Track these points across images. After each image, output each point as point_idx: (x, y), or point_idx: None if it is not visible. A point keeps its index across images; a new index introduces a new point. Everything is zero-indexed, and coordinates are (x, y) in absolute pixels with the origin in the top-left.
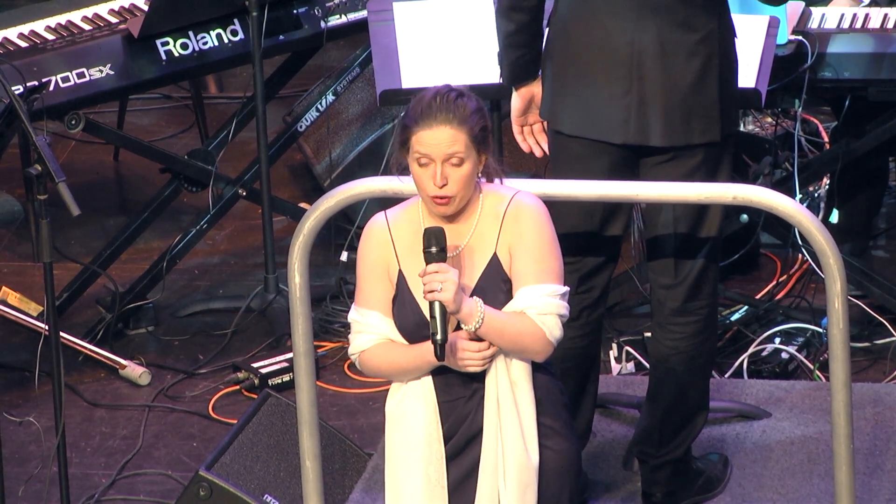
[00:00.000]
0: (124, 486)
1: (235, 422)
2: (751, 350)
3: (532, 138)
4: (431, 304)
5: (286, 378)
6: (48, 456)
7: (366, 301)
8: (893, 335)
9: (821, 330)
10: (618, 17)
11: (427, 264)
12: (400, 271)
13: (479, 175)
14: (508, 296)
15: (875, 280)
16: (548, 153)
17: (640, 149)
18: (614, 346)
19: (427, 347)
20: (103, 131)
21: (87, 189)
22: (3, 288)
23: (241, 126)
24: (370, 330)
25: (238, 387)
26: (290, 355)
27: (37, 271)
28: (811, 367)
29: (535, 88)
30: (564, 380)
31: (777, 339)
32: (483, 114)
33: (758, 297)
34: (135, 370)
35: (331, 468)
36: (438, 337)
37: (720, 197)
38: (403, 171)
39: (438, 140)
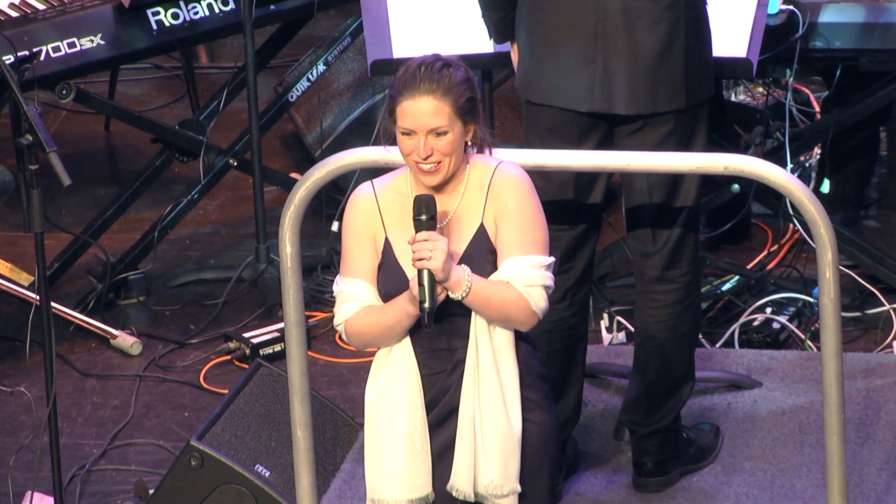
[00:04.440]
0: (115, 455)
1: (227, 392)
2: (742, 320)
3: None
4: (420, 271)
5: (277, 348)
6: (39, 426)
7: (352, 270)
8: (884, 305)
9: (812, 300)
10: None
11: (416, 232)
12: (386, 240)
13: (470, 144)
14: (494, 266)
15: (866, 250)
16: None
17: (609, 118)
18: (605, 315)
19: (403, 297)
20: (94, 101)
21: (78, 159)
22: None
23: (232, 96)
24: (355, 298)
25: (229, 357)
26: (281, 325)
27: (28, 241)
28: (802, 336)
29: None
30: (551, 361)
31: (768, 309)
32: (471, 84)
33: (749, 266)
34: (126, 340)
35: (322, 438)
36: (427, 305)
37: (712, 167)
38: (391, 139)
39: (421, 111)
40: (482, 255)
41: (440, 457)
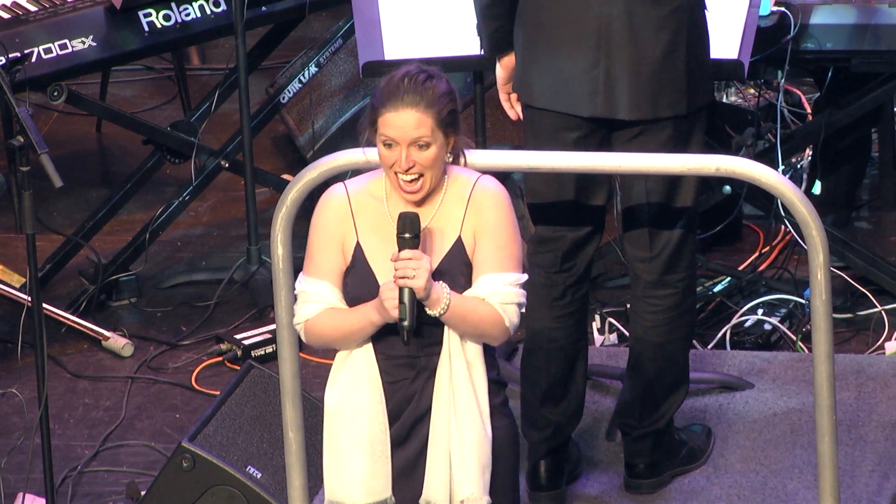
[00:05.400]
0: (107, 457)
1: (218, 393)
2: (733, 321)
3: (519, 105)
4: (401, 289)
5: (269, 349)
6: (31, 427)
7: (316, 271)
8: (876, 306)
9: (803, 301)
10: None
11: (400, 250)
12: (358, 244)
13: (448, 155)
14: (469, 280)
15: (858, 251)
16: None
17: (609, 122)
18: (597, 317)
19: (370, 305)
20: (86, 103)
21: (69, 160)
22: None
23: (224, 97)
24: (318, 299)
25: (221, 358)
26: (272, 327)
27: (20, 243)
28: (794, 338)
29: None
30: (554, 359)
31: (760, 311)
32: (453, 96)
33: (740, 268)
34: (118, 342)
35: (313, 439)
36: (406, 323)
37: (703, 168)
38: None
39: (404, 123)
40: (458, 269)
41: (408, 469)
